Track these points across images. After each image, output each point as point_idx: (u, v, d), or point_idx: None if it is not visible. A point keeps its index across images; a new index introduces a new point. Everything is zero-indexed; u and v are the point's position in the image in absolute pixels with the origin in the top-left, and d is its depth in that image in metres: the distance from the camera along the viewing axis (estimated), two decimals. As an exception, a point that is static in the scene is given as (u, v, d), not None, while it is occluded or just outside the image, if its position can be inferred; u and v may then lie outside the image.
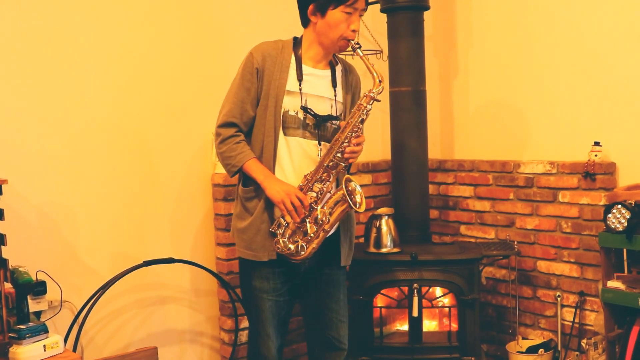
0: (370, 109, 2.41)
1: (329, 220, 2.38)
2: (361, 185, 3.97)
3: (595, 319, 3.36)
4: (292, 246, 2.37)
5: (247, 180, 2.45)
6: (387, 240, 3.35)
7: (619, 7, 3.31)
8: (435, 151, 4.14)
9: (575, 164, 3.46)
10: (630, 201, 2.95)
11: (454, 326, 3.41)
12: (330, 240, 2.49)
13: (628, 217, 2.90)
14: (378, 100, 2.41)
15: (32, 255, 2.94)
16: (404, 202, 3.61)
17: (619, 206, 2.94)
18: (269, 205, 2.41)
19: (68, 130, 3.08)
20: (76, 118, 3.10)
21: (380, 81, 2.40)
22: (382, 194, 4.18)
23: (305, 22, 2.47)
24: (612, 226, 2.96)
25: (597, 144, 3.35)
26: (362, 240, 3.50)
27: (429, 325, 3.55)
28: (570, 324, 3.52)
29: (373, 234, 3.37)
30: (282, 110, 2.40)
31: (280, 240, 2.37)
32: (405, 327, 3.47)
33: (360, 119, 2.39)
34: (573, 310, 3.51)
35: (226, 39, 3.55)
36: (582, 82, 3.48)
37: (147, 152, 3.33)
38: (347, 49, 2.45)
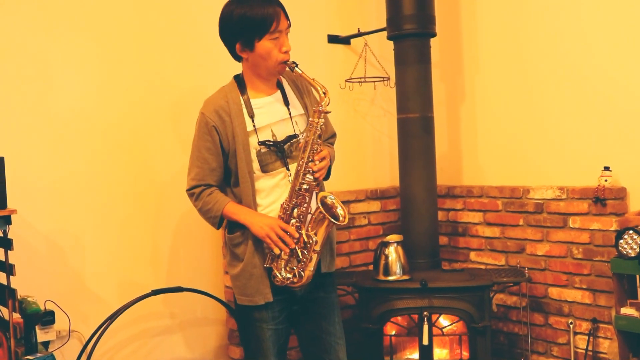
0: (322, 123, 2.39)
1: (315, 241, 2.37)
2: (370, 212, 4.04)
3: (609, 346, 3.32)
4: (289, 275, 2.37)
5: (232, 226, 2.46)
6: (396, 267, 3.33)
7: (628, 31, 3.32)
8: (443, 177, 4.13)
9: (585, 189, 3.44)
10: (641, 226, 2.93)
11: (465, 354, 3.37)
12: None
13: (640, 242, 2.88)
14: (327, 112, 2.40)
15: (40, 285, 2.94)
16: (413, 229, 3.60)
17: (631, 232, 2.91)
18: (258, 247, 2.40)
19: (76, 159, 3.10)
20: (84, 148, 3.12)
21: (324, 93, 2.38)
22: (391, 221, 4.16)
23: (237, 58, 2.47)
24: (624, 252, 2.93)
25: (607, 168, 3.33)
26: (371, 267, 3.48)
27: (440, 353, 3.51)
28: (584, 351, 3.47)
29: (382, 261, 3.35)
30: (255, 152, 2.40)
31: (277, 274, 2.38)
32: (415, 355, 3.43)
33: (316, 135, 2.38)
34: (586, 337, 3.46)
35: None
36: (591, 107, 3.48)
37: (155, 180, 3.34)
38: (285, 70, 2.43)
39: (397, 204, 4.11)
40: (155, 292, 3.15)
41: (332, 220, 2.35)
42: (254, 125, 2.41)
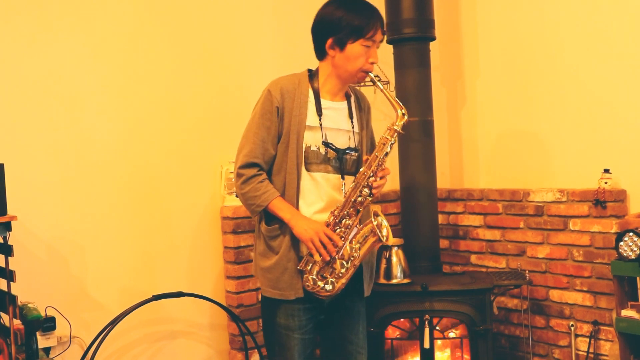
0: (394, 142, 2.38)
1: (359, 255, 2.35)
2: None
3: (610, 348, 3.31)
4: (321, 283, 2.33)
5: (270, 218, 2.40)
6: (397, 271, 3.34)
7: (628, 35, 3.32)
8: (444, 181, 4.13)
9: (585, 191, 3.44)
10: (642, 229, 2.92)
11: (467, 357, 3.37)
12: (360, 276, 2.47)
13: (640, 244, 2.87)
14: (402, 133, 2.39)
15: (41, 291, 2.94)
16: (414, 233, 3.60)
17: (631, 234, 2.91)
18: (295, 242, 2.37)
19: (76, 166, 3.10)
20: (84, 154, 3.12)
21: (404, 114, 2.38)
22: (392, 225, 4.12)
23: (321, 55, 2.45)
24: (625, 254, 2.93)
25: (606, 171, 3.33)
26: (372, 271, 3.48)
27: (441, 356, 3.50)
28: (585, 354, 3.47)
29: (383, 265, 3.35)
30: (304, 146, 2.38)
31: (310, 278, 2.34)
32: (417, 358, 3.42)
33: (384, 152, 2.37)
34: (587, 339, 3.46)
35: (237, 74, 3.58)
36: (591, 110, 3.48)
37: (155, 186, 3.34)
38: (366, 81, 2.45)
39: (397, 208, 4.11)
40: (156, 298, 3.15)
41: (381, 238, 2.33)
42: (321, 124, 2.40)
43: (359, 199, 2.35)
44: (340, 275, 2.34)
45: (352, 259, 2.34)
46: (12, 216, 2.50)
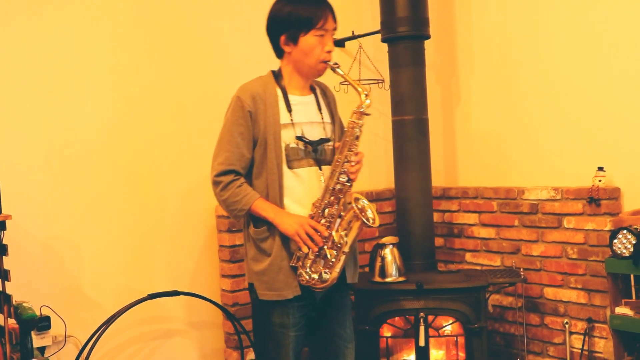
0: (362, 124, 2.40)
1: (346, 242, 2.36)
2: (365, 214, 4.03)
3: (604, 346, 3.33)
4: (315, 275, 2.35)
5: (257, 221, 2.42)
6: (392, 269, 3.34)
7: (622, 33, 3.33)
8: (439, 179, 4.14)
9: (579, 189, 3.45)
10: (635, 226, 2.94)
11: (462, 355, 3.38)
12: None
13: (634, 242, 2.89)
14: (368, 114, 2.41)
15: (36, 290, 2.93)
16: (409, 231, 3.60)
17: (625, 231, 2.92)
18: (285, 241, 2.38)
19: (71, 164, 3.10)
20: (79, 153, 3.12)
21: (366, 94, 2.40)
22: (387, 223, 4.17)
23: (279, 53, 2.48)
24: (618, 252, 2.94)
25: (600, 169, 3.34)
26: (367, 269, 3.49)
27: (436, 354, 3.51)
28: (580, 351, 3.48)
29: (378, 263, 3.35)
30: (283, 145, 2.40)
31: (303, 272, 2.35)
32: (412, 356, 3.43)
33: (354, 136, 2.39)
34: (582, 337, 3.47)
35: (233, 68, 3.57)
36: (585, 108, 3.49)
37: (150, 185, 3.34)
38: (326, 71, 2.46)
39: (392, 206, 4.12)
40: (152, 296, 3.14)
41: (365, 221, 2.34)
42: (292, 120, 2.42)
43: (338, 186, 2.37)
44: (332, 264, 2.35)
45: (339, 246, 2.36)
46: (6, 215, 2.50)
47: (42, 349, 2.78)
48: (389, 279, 3.33)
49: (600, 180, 3.33)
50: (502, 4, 3.85)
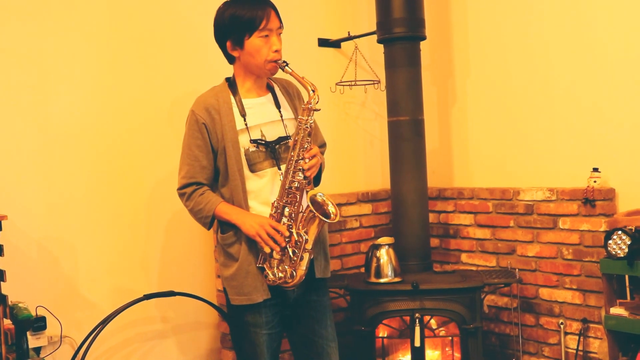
0: (312, 121, 2.40)
1: (306, 239, 2.37)
2: (361, 215, 4.05)
3: (599, 346, 3.34)
4: (281, 274, 2.37)
5: (224, 226, 2.46)
6: (387, 269, 3.34)
7: (615, 33, 3.34)
8: (434, 180, 4.15)
9: (574, 190, 3.46)
10: (630, 227, 2.95)
11: (457, 355, 3.38)
12: (311, 263, 2.49)
13: (629, 243, 2.90)
14: (317, 110, 2.41)
15: (31, 291, 2.93)
16: (404, 231, 3.61)
17: (620, 232, 2.94)
18: (252, 246, 2.40)
19: (67, 164, 3.09)
20: (74, 153, 3.12)
21: (313, 90, 2.40)
22: (382, 223, 4.17)
23: (229, 58, 2.50)
24: (613, 252, 2.95)
25: (595, 170, 3.35)
26: (362, 270, 3.49)
27: (432, 355, 3.52)
28: (574, 351, 3.49)
29: (373, 264, 3.36)
30: (242, 150, 2.42)
31: (269, 272, 2.37)
32: (407, 357, 3.44)
33: (305, 133, 2.39)
34: (577, 337, 3.48)
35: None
36: (580, 109, 3.50)
37: (146, 185, 3.34)
38: (277, 70, 2.45)
39: (388, 207, 4.12)
40: (147, 297, 3.15)
41: (323, 218, 2.35)
42: (246, 124, 2.43)
43: (295, 184, 2.38)
44: (295, 262, 2.36)
45: (300, 243, 2.36)
46: (2, 215, 2.50)
47: (37, 350, 2.78)
48: (384, 280, 3.34)
49: (595, 181, 3.34)
50: (497, 5, 3.86)
